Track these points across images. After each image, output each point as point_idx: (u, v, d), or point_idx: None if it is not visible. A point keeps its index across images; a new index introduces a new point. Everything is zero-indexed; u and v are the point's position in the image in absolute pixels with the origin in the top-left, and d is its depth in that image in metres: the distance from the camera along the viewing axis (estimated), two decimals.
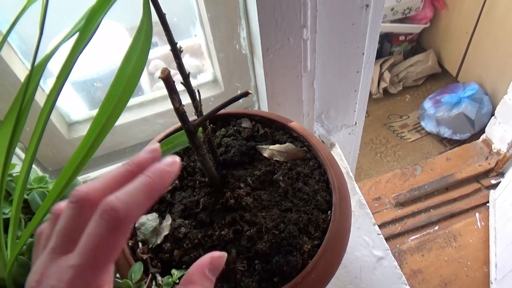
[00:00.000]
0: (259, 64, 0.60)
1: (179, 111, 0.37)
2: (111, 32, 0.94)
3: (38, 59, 0.40)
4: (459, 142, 1.92)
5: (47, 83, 0.73)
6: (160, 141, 0.56)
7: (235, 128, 0.56)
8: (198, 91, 0.42)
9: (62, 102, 0.76)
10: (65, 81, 0.40)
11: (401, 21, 2.15)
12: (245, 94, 0.39)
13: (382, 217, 1.52)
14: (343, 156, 0.77)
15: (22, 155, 0.71)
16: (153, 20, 0.40)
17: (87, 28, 0.39)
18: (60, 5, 0.51)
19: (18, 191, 0.42)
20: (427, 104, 2.03)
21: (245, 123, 0.57)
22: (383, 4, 0.66)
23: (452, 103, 1.92)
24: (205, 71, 0.84)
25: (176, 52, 0.41)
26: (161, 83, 1.01)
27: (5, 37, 0.39)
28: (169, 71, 0.33)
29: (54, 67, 0.61)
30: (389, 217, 1.52)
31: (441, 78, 2.25)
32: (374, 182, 1.64)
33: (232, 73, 0.71)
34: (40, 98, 0.68)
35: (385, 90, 2.21)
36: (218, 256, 0.30)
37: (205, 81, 0.79)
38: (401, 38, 2.22)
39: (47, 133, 0.71)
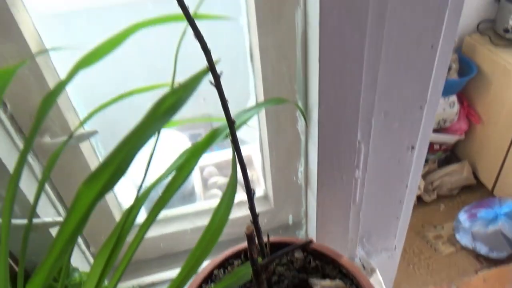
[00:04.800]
0: (313, 196, 0.66)
1: (254, 259, 0.42)
2: (174, 141, 1.04)
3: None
4: (497, 261, 1.87)
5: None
6: (218, 266, 0.61)
7: (288, 257, 0.61)
8: (268, 234, 0.48)
9: (125, 203, 0.83)
10: (157, 215, 0.47)
11: (436, 131, 2.22)
12: (310, 242, 0.45)
13: None
14: (383, 284, 0.79)
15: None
16: (200, 113, 0.48)
17: (183, 169, 0.47)
18: None
19: None
20: (462, 217, 2.02)
21: (297, 254, 0.61)
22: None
23: (488, 218, 1.91)
24: (255, 182, 0.91)
25: (251, 198, 0.47)
26: (214, 191, 1.09)
27: None
28: (253, 229, 0.40)
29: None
30: None
31: (476, 190, 2.25)
32: None
33: (283, 197, 0.78)
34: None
35: (419, 198, 2.23)
36: None
37: (255, 196, 0.86)
38: (436, 147, 2.28)
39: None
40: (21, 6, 0.56)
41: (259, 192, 0.86)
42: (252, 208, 0.46)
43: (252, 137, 0.85)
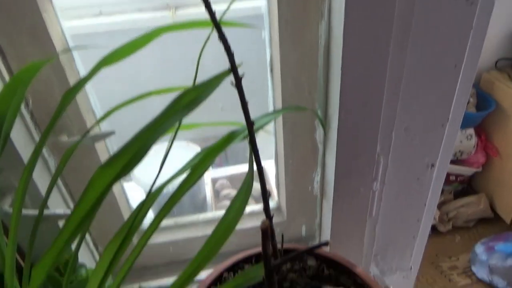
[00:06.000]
0: (328, 206, 0.65)
1: (267, 256, 0.41)
2: (190, 154, 1.04)
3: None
4: None
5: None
6: (228, 269, 0.59)
7: (301, 264, 0.59)
8: (282, 235, 0.47)
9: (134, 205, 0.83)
10: (167, 213, 0.46)
11: (453, 162, 2.18)
12: (325, 243, 0.43)
13: None
14: None
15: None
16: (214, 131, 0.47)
17: (197, 169, 0.46)
18: None
19: None
20: (479, 249, 1.95)
21: (311, 261, 0.60)
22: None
23: (506, 252, 1.84)
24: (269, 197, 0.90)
25: (267, 199, 0.46)
26: (226, 202, 1.08)
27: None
28: (269, 224, 0.38)
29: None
30: None
31: (494, 223, 2.19)
32: None
33: (297, 207, 0.76)
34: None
35: (434, 228, 2.17)
36: None
37: None
38: (452, 178, 2.24)
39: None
40: (52, 13, 0.58)
41: (272, 204, 0.85)
42: (266, 206, 0.45)
43: (267, 153, 0.85)
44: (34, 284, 0.38)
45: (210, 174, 1.10)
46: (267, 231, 0.39)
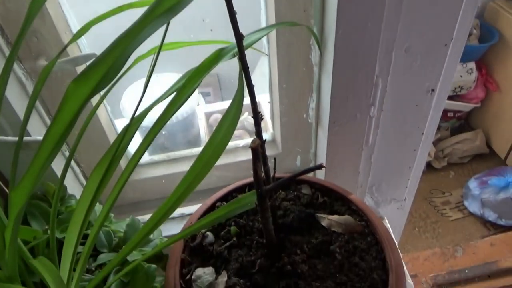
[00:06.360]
0: (323, 134, 0.63)
1: (259, 177, 0.39)
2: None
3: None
4: (504, 228, 1.84)
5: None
6: (222, 198, 0.58)
7: (295, 193, 0.58)
8: (275, 159, 0.45)
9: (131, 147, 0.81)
10: (155, 136, 0.44)
11: (451, 98, 2.15)
12: (319, 167, 0.41)
13: None
14: (391, 231, 0.77)
15: None
16: (209, 73, 0.44)
17: (184, 89, 0.43)
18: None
19: (94, 232, 0.45)
20: (472, 184, 1.98)
21: (305, 189, 0.59)
22: (448, 90, 0.68)
23: (499, 186, 1.87)
24: (263, 130, 0.88)
25: (258, 120, 0.44)
26: None
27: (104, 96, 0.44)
28: (260, 142, 0.36)
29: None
30: None
31: (489, 159, 2.21)
32: (411, 258, 1.58)
33: (292, 137, 0.74)
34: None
35: (429, 164, 2.19)
36: None
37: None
38: (450, 114, 2.22)
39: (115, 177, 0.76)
40: None
41: (266, 136, 0.83)
42: (257, 127, 0.43)
43: (261, 87, 0.81)
44: (15, 208, 0.36)
45: (203, 109, 1.07)
46: (257, 151, 0.37)
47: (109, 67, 0.32)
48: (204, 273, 0.49)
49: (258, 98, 1.03)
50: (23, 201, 0.36)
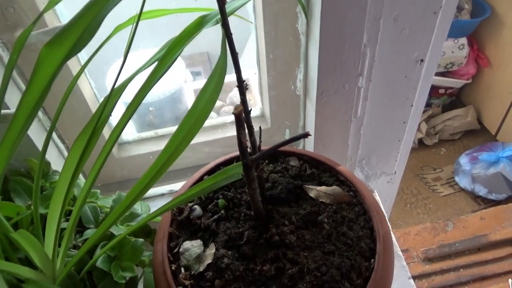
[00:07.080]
0: (311, 106, 0.62)
1: (243, 145, 0.38)
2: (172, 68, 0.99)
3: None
4: (494, 203, 1.86)
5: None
6: (209, 171, 0.58)
7: (283, 165, 0.57)
8: (260, 128, 0.44)
9: (115, 122, 0.80)
10: (137, 107, 0.42)
11: (442, 74, 2.15)
12: (305, 135, 0.41)
13: (409, 271, 1.48)
14: (381, 204, 0.77)
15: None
16: (199, 51, 0.43)
17: (166, 58, 0.42)
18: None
19: (77, 206, 0.44)
20: (463, 160, 1.99)
21: (293, 162, 0.58)
22: (437, 60, 0.68)
23: (489, 161, 1.88)
24: (252, 105, 0.87)
25: (242, 89, 0.43)
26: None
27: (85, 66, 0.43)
28: (242, 109, 0.35)
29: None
30: (417, 272, 1.47)
31: (479, 135, 2.22)
32: (402, 233, 1.60)
33: (281, 111, 0.73)
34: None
35: (420, 141, 2.20)
36: None
37: (252, 115, 0.82)
38: (441, 91, 2.22)
39: (99, 151, 0.75)
40: None
41: (255, 111, 0.82)
42: (242, 95, 0.42)
43: (249, 63, 0.80)
44: None
45: (192, 86, 1.05)
46: (240, 117, 0.36)
47: (84, 29, 0.31)
48: (192, 245, 0.49)
49: (247, 74, 1.01)
50: (1, 170, 0.35)
